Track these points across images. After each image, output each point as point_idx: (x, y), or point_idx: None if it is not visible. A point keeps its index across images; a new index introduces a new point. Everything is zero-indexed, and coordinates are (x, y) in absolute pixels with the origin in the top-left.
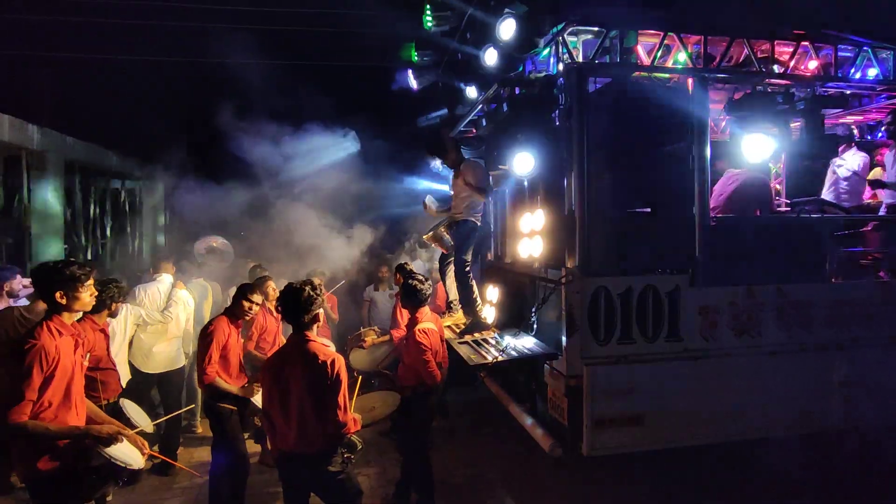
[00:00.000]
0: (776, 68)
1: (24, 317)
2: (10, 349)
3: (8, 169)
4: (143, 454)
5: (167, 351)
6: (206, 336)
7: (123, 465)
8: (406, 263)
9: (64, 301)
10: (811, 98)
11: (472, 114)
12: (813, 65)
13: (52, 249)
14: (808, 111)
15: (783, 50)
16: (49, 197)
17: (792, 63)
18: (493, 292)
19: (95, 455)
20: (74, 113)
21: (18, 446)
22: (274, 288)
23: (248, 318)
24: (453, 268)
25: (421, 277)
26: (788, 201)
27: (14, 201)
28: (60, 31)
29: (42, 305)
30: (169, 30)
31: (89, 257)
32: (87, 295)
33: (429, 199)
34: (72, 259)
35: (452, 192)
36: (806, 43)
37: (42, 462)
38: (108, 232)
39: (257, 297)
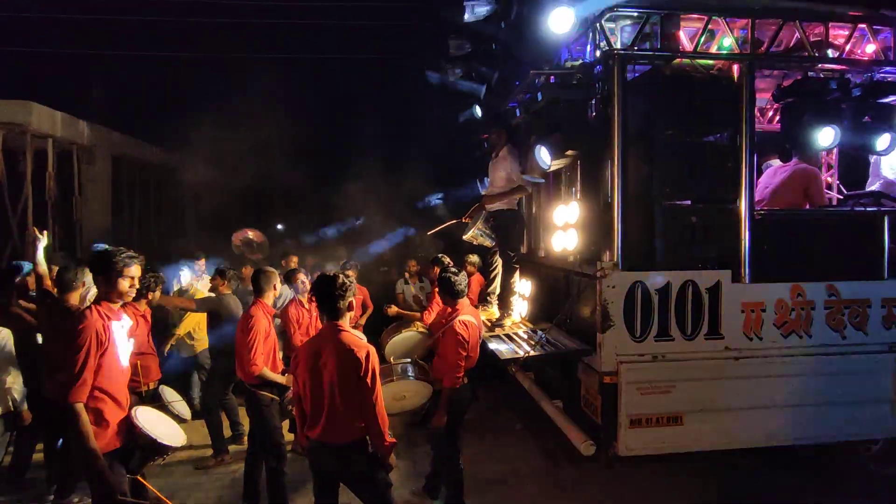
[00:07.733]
0: (830, 53)
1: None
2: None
3: (61, 163)
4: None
5: None
6: (247, 326)
7: (167, 444)
8: (443, 256)
9: (104, 288)
10: (868, 84)
11: (508, 103)
12: (871, 49)
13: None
14: (864, 98)
15: (838, 33)
16: (97, 189)
17: (847, 47)
18: (525, 286)
19: (142, 435)
20: (120, 108)
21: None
22: (303, 280)
23: (276, 293)
24: (499, 261)
25: (454, 270)
26: (840, 195)
27: (66, 194)
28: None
29: (74, 297)
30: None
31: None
32: (127, 284)
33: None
34: (120, 249)
35: (489, 180)
36: (863, 25)
37: (103, 442)
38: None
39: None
